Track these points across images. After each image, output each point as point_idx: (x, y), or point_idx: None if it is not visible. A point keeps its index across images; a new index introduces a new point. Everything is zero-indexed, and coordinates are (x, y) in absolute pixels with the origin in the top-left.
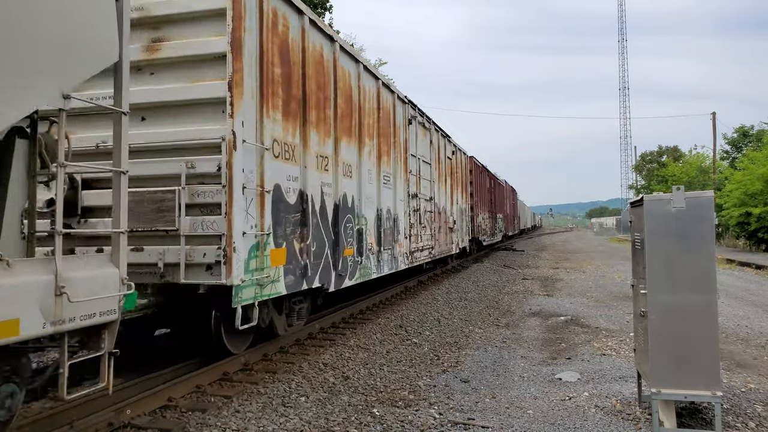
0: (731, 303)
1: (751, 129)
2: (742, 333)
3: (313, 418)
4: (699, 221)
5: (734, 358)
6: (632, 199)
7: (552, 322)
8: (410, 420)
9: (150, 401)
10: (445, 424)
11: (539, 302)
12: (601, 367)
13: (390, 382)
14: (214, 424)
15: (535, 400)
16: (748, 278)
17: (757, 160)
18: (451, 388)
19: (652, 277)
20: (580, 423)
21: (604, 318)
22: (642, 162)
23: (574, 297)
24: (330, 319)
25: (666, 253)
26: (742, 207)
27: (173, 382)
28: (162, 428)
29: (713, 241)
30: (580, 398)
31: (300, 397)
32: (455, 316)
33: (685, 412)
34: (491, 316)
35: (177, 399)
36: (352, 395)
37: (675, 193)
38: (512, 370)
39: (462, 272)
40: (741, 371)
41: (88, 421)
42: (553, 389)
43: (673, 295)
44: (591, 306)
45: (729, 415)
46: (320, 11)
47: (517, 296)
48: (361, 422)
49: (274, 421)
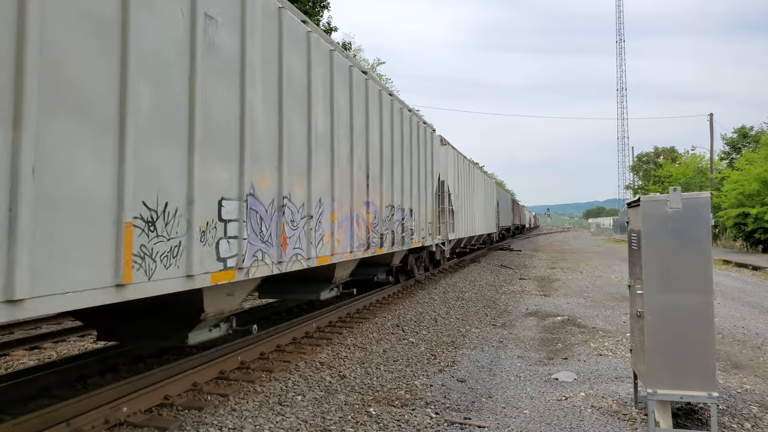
0: (728, 304)
1: (750, 130)
2: (738, 334)
3: (310, 417)
4: (696, 222)
5: (730, 359)
6: (629, 200)
7: (549, 322)
8: (407, 419)
9: (146, 399)
10: (442, 424)
11: (536, 302)
12: (598, 368)
13: (386, 381)
14: (211, 423)
15: (531, 400)
16: (744, 279)
17: (754, 161)
18: (447, 387)
19: (648, 277)
20: (576, 423)
21: (600, 318)
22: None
23: (570, 297)
24: (327, 318)
25: (663, 254)
26: (739, 208)
27: (170, 379)
28: (158, 426)
29: (710, 242)
30: (577, 398)
31: (296, 395)
32: (452, 315)
33: (681, 413)
34: (488, 315)
35: (173, 397)
36: (349, 394)
37: (672, 194)
38: (509, 370)
39: (459, 272)
40: (737, 372)
41: (84, 418)
42: (549, 389)
43: (669, 295)
44: (588, 306)
45: (725, 415)
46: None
47: (514, 296)
48: (357, 421)
49: (270, 420)
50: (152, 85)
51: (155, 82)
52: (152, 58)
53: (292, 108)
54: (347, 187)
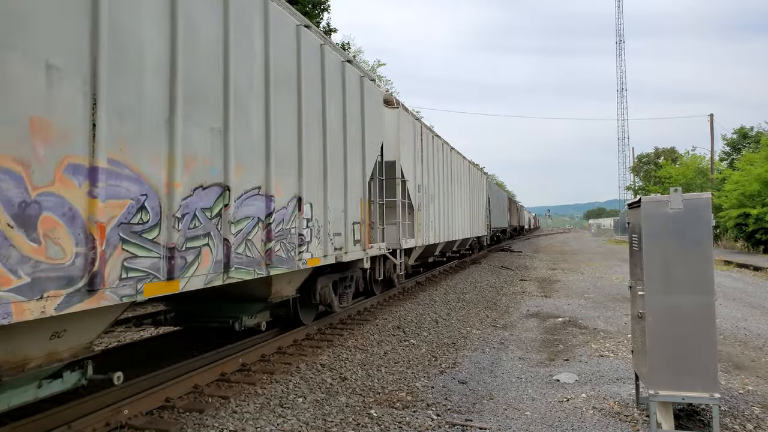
0: (729, 305)
1: (750, 130)
2: (740, 335)
3: (311, 419)
4: (696, 223)
5: (732, 360)
6: (630, 201)
7: (550, 324)
8: (408, 421)
9: (147, 401)
10: (443, 426)
11: (537, 303)
12: (599, 369)
13: (387, 383)
14: (212, 425)
15: (532, 402)
16: (746, 280)
17: (755, 161)
18: (448, 389)
19: (649, 278)
20: (577, 424)
21: (601, 319)
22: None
23: (571, 298)
24: (327, 320)
25: (664, 255)
26: (740, 208)
27: (171, 382)
28: (159, 429)
29: (711, 243)
30: (578, 400)
31: (297, 398)
32: (453, 317)
33: (682, 414)
34: (489, 317)
35: (174, 399)
36: (350, 396)
37: (672, 195)
38: (510, 371)
39: (460, 273)
40: (739, 373)
41: (85, 421)
42: (550, 391)
43: (670, 296)
44: (589, 307)
45: (727, 416)
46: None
47: (514, 297)
48: (358, 423)
49: (271, 422)
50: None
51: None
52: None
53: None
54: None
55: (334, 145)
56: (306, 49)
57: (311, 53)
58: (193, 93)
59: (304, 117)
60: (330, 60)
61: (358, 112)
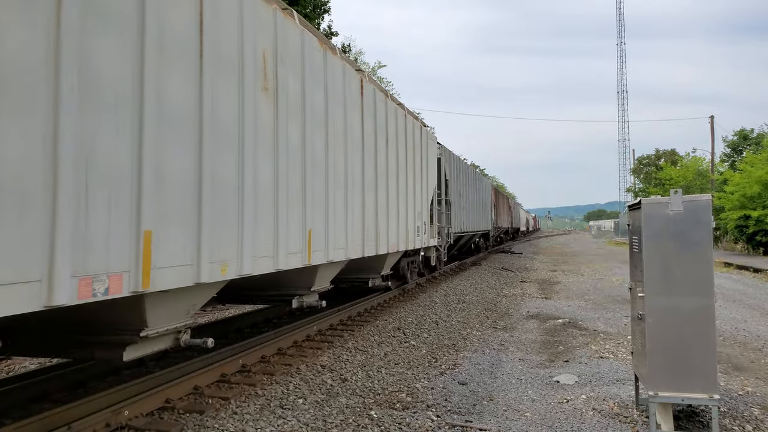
0: (729, 306)
1: (751, 132)
2: (739, 336)
3: (311, 420)
4: (697, 225)
5: (732, 362)
6: (630, 203)
7: (550, 325)
8: (408, 422)
9: (148, 402)
10: (443, 427)
11: (537, 305)
12: (599, 370)
13: (388, 384)
14: (212, 426)
15: (532, 403)
16: (746, 281)
17: (756, 163)
18: (448, 390)
19: (649, 280)
20: (577, 426)
21: (601, 321)
22: (639, 165)
23: (571, 300)
24: (328, 321)
25: (664, 256)
26: (740, 210)
27: (171, 383)
28: (160, 430)
29: (711, 245)
30: (578, 401)
31: (298, 399)
32: (453, 318)
33: (682, 415)
34: (489, 318)
35: (175, 400)
36: (350, 397)
37: (673, 197)
38: (510, 372)
39: (460, 274)
40: (738, 374)
41: (85, 422)
42: (550, 392)
43: (670, 298)
44: (589, 309)
45: (726, 418)
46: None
47: (515, 299)
48: (358, 424)
49: (271, 423)
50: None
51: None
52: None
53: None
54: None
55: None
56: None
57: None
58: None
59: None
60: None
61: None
